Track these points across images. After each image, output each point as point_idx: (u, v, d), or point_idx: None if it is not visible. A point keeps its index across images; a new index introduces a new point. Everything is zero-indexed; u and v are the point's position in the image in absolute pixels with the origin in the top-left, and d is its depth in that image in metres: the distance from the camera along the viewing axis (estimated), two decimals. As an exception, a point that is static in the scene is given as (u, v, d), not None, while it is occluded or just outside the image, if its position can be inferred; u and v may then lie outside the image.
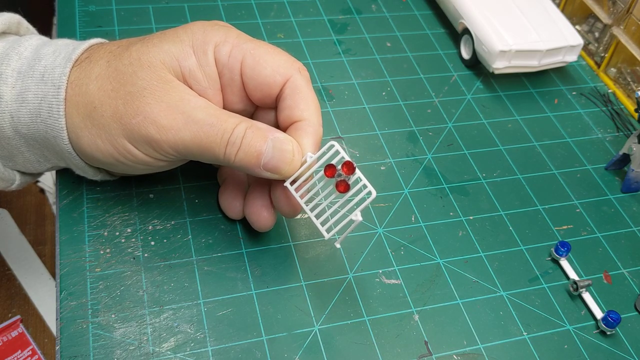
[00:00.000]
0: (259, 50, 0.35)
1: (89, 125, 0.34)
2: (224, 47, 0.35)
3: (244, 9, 0.55)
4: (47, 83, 0.34)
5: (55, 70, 0.34)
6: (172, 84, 0.34)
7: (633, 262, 0.42)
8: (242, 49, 0.35)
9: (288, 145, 0.33)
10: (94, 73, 0.34)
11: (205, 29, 0.35)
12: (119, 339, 0.33)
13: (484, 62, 0.52)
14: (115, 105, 0.33)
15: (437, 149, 0.47)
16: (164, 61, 0.34)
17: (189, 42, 0.35)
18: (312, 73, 0.51)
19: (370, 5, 0.58)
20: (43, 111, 0.34)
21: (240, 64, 0.35)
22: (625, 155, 0.47)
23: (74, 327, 0.33)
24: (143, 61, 0.34)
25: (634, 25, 0.53)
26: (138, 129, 0.33)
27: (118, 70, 0.34)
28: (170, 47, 0.34)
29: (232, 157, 0.33)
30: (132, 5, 0.53)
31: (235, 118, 0.33)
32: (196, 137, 0.33)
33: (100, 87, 0.34)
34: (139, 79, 0.33)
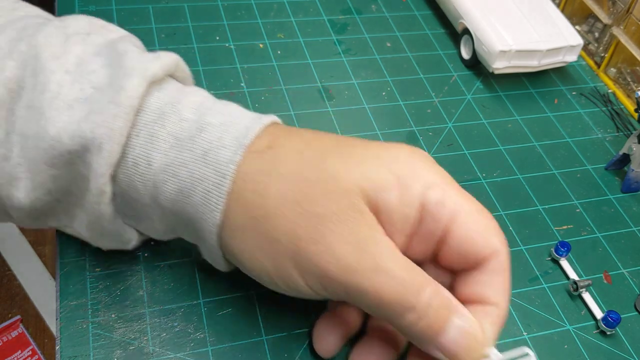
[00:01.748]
0: (476, 213, 0.29)
1: (252, 231, 0.28)
2: (435, 191, 0.29)
3: (244, 9, 0.55)
4: (209, 166, 0.29)
5: (222, 153, 0.29)
6: (364, 216, 0.28)
7: (633, 262, 0.42)
8: (455, 203, 0.29)
9: (478, 334, 0.28)
10: (277, 173, 0.28)
11: (413, 160, 0.30)
12: (119, 339, 0.33)
13: (484, 62, 0.52)
14: (295, 223, 0.28)
15: (437, 149, 0.47)
16: (362, 188, 0.28)
17: (393, 170, 0.29)
18: (312, 73, 0.51)
19: (370, 5, 0.58)
20: (196, 196, 0.29)
21: (449, 219, 0.29)
22: (625, 155, 0.47)
23: (74, 327, 0.33)
24: (339, 182, 0.28)
25: (634, 25, 0.53)
26: (316, 259, 0.27)
27: (308, 183, 0.28)
28: (372, 171, 0.28)
29: (408, 325, 0.28)
30: (132, 5, 0.53)
31: (422, 276, 0.28)
32: (380, 289, 0.27)
33: (283, 195, 0.28)
34: (330, 201, 0.27)
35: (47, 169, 0.30)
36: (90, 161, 0.29)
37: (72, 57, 0.30)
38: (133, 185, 0.30)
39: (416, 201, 0.28)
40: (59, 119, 0.29)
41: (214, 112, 0.30)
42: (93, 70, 0.30)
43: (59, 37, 0.30)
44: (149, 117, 0.29)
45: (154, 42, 0.50)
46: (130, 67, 0.29)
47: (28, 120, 0.29)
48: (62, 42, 0.30)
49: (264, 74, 0.50)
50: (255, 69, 0.50)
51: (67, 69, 0.30)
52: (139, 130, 0.29)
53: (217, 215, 0.29)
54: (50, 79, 0.29)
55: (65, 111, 0.29)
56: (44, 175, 0.30)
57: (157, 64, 0.30)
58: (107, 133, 0.28)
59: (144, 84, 0.29)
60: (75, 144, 0.29)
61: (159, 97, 0.30)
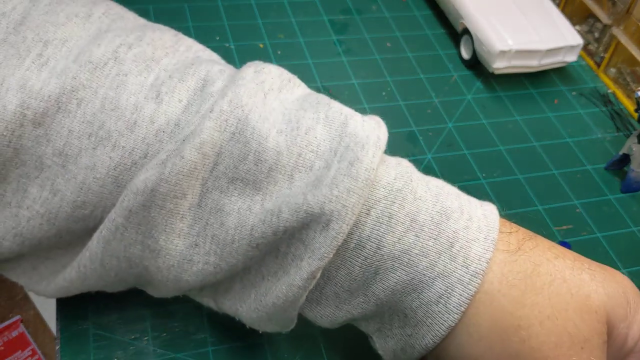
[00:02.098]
0: None
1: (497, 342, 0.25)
2: None
3: (244, 9, 0.55)
4: (457, 260, 0.25)
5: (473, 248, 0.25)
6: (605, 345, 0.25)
7: (633, 262, 0.42)
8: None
9: None
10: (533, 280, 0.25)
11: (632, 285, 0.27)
12: (119, 339, 0.33)
13: (484, 62, 0.52)
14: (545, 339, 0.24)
15: (437, 149, 0.47)
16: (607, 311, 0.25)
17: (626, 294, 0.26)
18: (312, 73, 0.51)
19: (370, 6, 0.58)
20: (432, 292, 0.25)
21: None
22: (625, 156, 0.47)
23: (74, 327, 0.33)
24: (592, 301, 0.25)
25: (634, 26, 0.53)
26: None
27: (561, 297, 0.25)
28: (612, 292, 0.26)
29: None
30: (132, 6, 0.53)
31: None
32: None
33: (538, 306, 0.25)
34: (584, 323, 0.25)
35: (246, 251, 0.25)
36: (309, 241, 0.25)
37: (277, 114, 0.26)
38: (347, 269, 0.26)
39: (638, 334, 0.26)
40: (279, 192, 0.25)
41: (446, 193, 0.27)
42: (310, 127, 0.26)
43: (258, 94, 0.26)
44: (381, 193, 0.25)
45: (154, 42, 0.50)
46: (359, 134, 0.25)
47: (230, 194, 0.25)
48: (263, 99, 0.26)
49: (264, 74, 0.50)
50: (255, 69, 0.50)
51: (280, 129, 0.25)
52: (370, 207, 0.25)
53: (455, 317, 0.25)
54: (266, 146, 0.25)
55: (285, 183, 0.25)
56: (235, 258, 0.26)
57: (384, 131, 0.26)
58: (339, 210, 0.24)
59: (379, 154, 0.25)
60: (298, 220, 0.24)
61: (387, 171, 0.26)
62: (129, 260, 0.26)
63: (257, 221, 0.25)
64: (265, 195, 0.25)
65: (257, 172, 0.25)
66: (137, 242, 0.26)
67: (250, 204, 0.25)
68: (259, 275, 0.27)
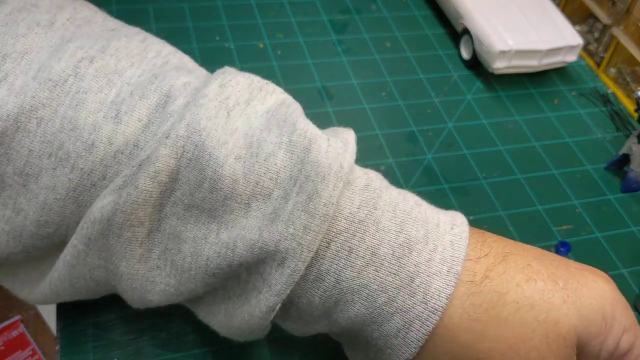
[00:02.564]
0: None
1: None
2: (628, 336, 0.26)
3: (244, 9, 0.55)
4: (417, 296, 0.24)
5: (434, 283, 0.24)
6: None
7: (633, 262, 0.42)
8: (637, 345, 0.26)
9: None
10: (497, 312, 0.24)
11: (617, 297, 0.26)
12: (118, 339, 0.33)
13: (484, 62, 0.52)
14: None
15: (437, 149, 0.47)
16: (578, 332, 0.25)
17: (603, 311, 0.25)
18: (312, 73, 0.51)
19: (370, 5, 0.58)
20: (391, 326, 0.25)
21: None
22: (625, 155, 0.47)
23: (74, 327, 0.33)
24: (559, 327, 0.24)
25: (634, 26, 0.53)
26: None
27: (526, 326, 0.24)
28: (588, 312, 0.25)
29: None
30: (132, 5, 0.53)
31: None
32: None
33: (500, 339, 0.24)
34: (549, 351, 0.24)
35: (203, 278, 0.25)
36: (266, 276, 0.24)
37: (238, 137, 0.25)
38: (307, 299, 0.25)
39: (612, 347, 0.26)
40: (235, 223, 0.24)
41: (413, 220, 0.26)
42: (270, 154, 0.25)
43: (220, 114, 0.25)
44: (342, 225, 0.24)
45: (154, 42, 0.50)
46: (321, 163, 0.24)
47: (186, 221, 0.25)
48: (225, 120, 0.25)
49: (264, 74, 0.49)
50: (255, 69, 0.50)
51: (238, 155, 0.25)
52: (329, 240, 0.24)
53: (413, 351, 0.25)
54: (221, 174, 0.24)
55: (242, 212, 0.24)
56: (193, 284, 0.26)
57: (348, 157, 0.25)
58: (294, 248, 0.23)
59: (340, 186, 0.24)
60: (253, 256, 0.24)
61: (351, 199, 0.25)
62: (96, 281, 0.27)
63: (212, 253, 0.25)
64: (220, 225, 0.25)
65: (212, 200, 0.24)
66: (100, 266, 0.26)
67: (206, 233, 0.25)
68: (226, 295, 0.27)
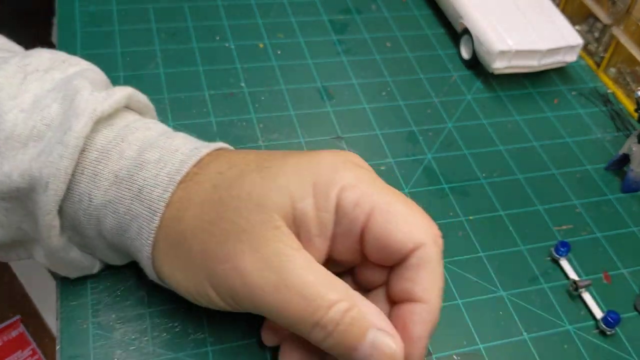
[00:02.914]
0: (393, 207, 0.29)
1: (172, 255, 0.30)
2: (352, 192, 0.29)
3: (244, 9, 0.55)
4: (144, 203, 0.30)
5: (155, 191, 0.30)
6: (276, 231, 0.28)
7: (633, 262, 0.42)
8: (372, 201, 0.29)
9: (390, 348, 0.28)
10: (197, 197, 0.30)
11: (335, 165, 0.30)
12: (119, 339, 0.33)
13: (484, 62, 0.52)
14: (206, 242, 0.29)
15: (437, 149, 0.47)
16: (276, 202, 0.29)
17: (310, 178, 0.29)
18: (312, 73, 0.51)
19: (370, 5, 0.58)
20: (132, 231, 0.31)
21: (366, 217, 0.29)
22: (625, 155, 0.47)
23: (74, 327, 0.33)
24: (253, 197, 0.29)
25: (634, 25, 0.53)
26: (224, 277, 0.28)
27: (222, 201, 0.29)
28: (289, 183, 0.29)
29: (318, 340, 0.28)
30: (132, 5, 0.53)
31: (335, 292, 0.28)
32: (283, 305, 0.27)
33: (198, 216, 0.29)
34: (241, 217, 0.28)
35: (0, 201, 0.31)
36: (37, 199, 0.30)
37: (29, 95, 0.31)
38: (78, 218, 0.31)
39: (332, 205, 0.29)
40: (15, 157, 0.30)
41: (154, 148, 0.31)
42: (47, 105, 0.31)
43: (17, 76, 0.32)
44: (93, 155, 0.31)
45: (154, 42, 0.50)
46: (79, 107, 0.30)
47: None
48: (21, 81, 0.32)
49: (264, 74, 0.50)
50: (255, 69, 0.50)
51: (22, 108, 0.31)
52: (84, 168, 0.30)
53: (149, 250, 0.30)
54: (5, 119, 0.30)
55: (20, 149, 0.30)
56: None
57: (107, 103, 0.31)
58: (54, 173, 0.29)
59: (90, 123, 0.30)
60: (25, 182, 0.30)
61: (106, 135, 0.31)
62: None
63: None
64: (3, 159, 0.30)
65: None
66: None
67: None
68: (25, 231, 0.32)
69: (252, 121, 0.46)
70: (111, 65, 0.48)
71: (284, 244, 0.28)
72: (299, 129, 0.46)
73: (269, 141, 0.45)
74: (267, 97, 0.48)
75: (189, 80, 0.48)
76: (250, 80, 0.49)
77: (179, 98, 0.46)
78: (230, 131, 0.45)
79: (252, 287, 0.28)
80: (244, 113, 0.47)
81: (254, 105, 0.47)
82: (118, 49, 0.49)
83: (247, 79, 0.49)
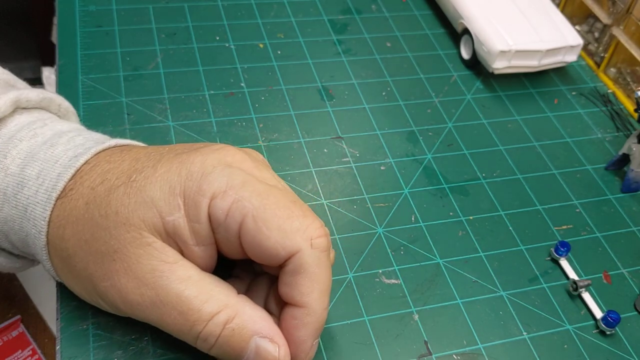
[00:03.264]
0: (264, 213, 0.28)
1: (65, 270, 0.31)
2: (223, 201, 0.28)
3: (244, 9, 0.55)
4: (30, 222, 0.30)
5: (36, 210, 0.30)
6: (147, 248, 0.28)
7: (633, 262, 0.42)
8: (243, 208, 0.28)
9: (273, 354, 0.28)
10: (72, 215, 0.30)
11: (205, 170, 0.29)
12: (119, 339, 0.33)
13: (484, 62, 0.52)
14: (86, 261, 0.29)
15: (437, 149, 0.47)
16: (144, 218, 0.28)
17: (179, 188, 0.29)
18: (312, 73, 0.51)
19: (370, 5, 0.58)
20: (31, 247, 0.31)
21: (238, 226, 0.28)
22: (625, 155, 0.47)
23: (74, 327, 0.33)
24: (120, 216, 0.28)
25: (634, 26, 0.53)
26: (106, 294, 0.29)
27: (94, 221, 0.29)
28: (154, 197, 0.29)
29: (205, 350, 0.29)
30: (132, 5, 0.53)
31: (213, 304, 0.28)
32: (163, 319, 0.28)
33: (75, 235, 0.29)
34: (111, 238, 0.28)
35: None
36: None
37: None
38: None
39: (203, 216, 0.29)
40: None
41: (35, 161, 0.31)
42: None
43: None
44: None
45: (154, 42, 0.50)
46: None
47: None
48: None
49: (264, 74, 0.50)
50: (255, 69, 0.50)
51: None
52: None
53: (48, 264, 0.31)
54: None
55: None
56: None
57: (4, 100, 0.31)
58: None
59: None
60: None
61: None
62: None
63: None
64: None
65: None
66: None
67: None
68: None
69: (252, 121, 0.46)
70: (111, 65, 0.48)
71: (157, 260, 0.28)
72: (299, 129, 0.46)
73: (269, 141, 0.45)
74: (267, 97, 0.48)
75: (189, 80, 0.48)
76: (250, 80, 0.49)
77: (179, 98, 0.46)
78: (230, 131, 0.45)
79: (131, 304, 0.28)
80: (244, 113, 0.47)
81: (254, 105, 0.47)
82: (118, 49, 0.49)
83: (247, 79, 0.49)
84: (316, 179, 0.43)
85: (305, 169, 0.44)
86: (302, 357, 0.30)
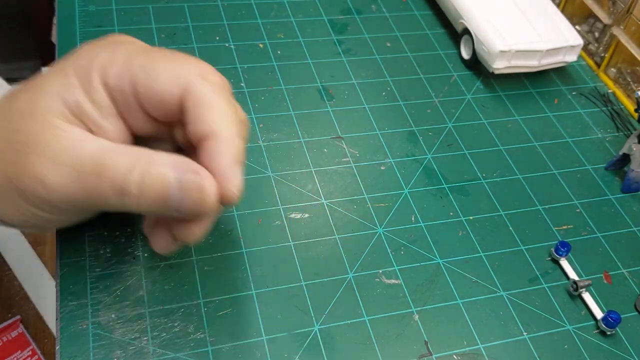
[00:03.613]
0: (151, 64, 0.30)
1: None
2: (111, 68, 0.30)
3: (244, 9, 0.55)
4: None
5: None
6: (56, 131, 0.29)
7: (633, 262, 0.42)
8: (131, 66, 0.30)
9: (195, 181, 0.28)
10: None
11: (91, 51, 0.31)
12: (119, 339, 0.33)
13: (484, 62, 0.52)
14: (5, 168, 0.29)
15: (437, 149, 0.47)
16: (48, 105, 0.29)
17: (72, 71, 0.30)
18: (312, 73, 0.51)
19: (370, 5, 0.58)
20: None
21: (131, 84, 0.30)
22: (625, 155, 0.47)
23: (74, 327, 0.33)
24: (24, 112, 0.30)
25: (634, 25, 0.53)
26: (30, 191, 0.29)
27: (3, 128, 0.30)
28: (53, 86, 0.30)
29: (134, 208, 0.29)
30: (132, 5, 0.53)
31: (126, 157, 0.29)
32: (87, 190, 0.28)
33: None
34: (21, 133, 0.29)
35: None
36: None
37: None
38: None
39: (97, 86, 0.30)
40: None
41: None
42: None
43: None
44: None
45: (154, 42, 0.50)
46: None
47: None
48: None
49: (264, 74, 0.50)
50: (255, 69, 0.50)
51: None
52: None
53: None
54: None
55: None
56: None
57: None
58: None
59: None
60: None
61: None
62: None
63: None
64: None
65: None
66: None
67: None
68: None
69: (252, 121, 0.46)
70: (111, 65, 0.48)
71: (67, 139, 0.29)
72: (299, 129, 0.46)
73: (269, 141, 0.45)
74: (267, 97, 0.48)
75: (189, 80, 0.48)
76: (250, 80, 0.49)
77: (179, 98, 0.46)
78: (230, 131, 0.45)
79: (53, 188, 0.28)
80: (244, 113, 0.47)
81: (254, 105, 0.47)
82: (118, 49, 0.49)
83: (247, 79, 0.49)
84: (316, 178, 0.43)
85: (305, 168, 0.44)
86: (228, 186, 0.29)
